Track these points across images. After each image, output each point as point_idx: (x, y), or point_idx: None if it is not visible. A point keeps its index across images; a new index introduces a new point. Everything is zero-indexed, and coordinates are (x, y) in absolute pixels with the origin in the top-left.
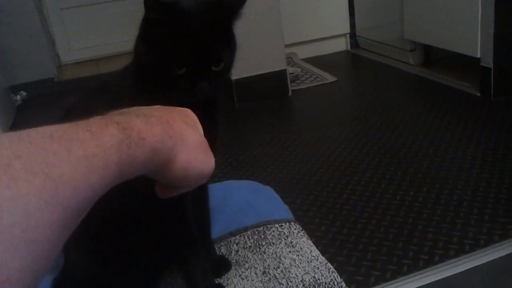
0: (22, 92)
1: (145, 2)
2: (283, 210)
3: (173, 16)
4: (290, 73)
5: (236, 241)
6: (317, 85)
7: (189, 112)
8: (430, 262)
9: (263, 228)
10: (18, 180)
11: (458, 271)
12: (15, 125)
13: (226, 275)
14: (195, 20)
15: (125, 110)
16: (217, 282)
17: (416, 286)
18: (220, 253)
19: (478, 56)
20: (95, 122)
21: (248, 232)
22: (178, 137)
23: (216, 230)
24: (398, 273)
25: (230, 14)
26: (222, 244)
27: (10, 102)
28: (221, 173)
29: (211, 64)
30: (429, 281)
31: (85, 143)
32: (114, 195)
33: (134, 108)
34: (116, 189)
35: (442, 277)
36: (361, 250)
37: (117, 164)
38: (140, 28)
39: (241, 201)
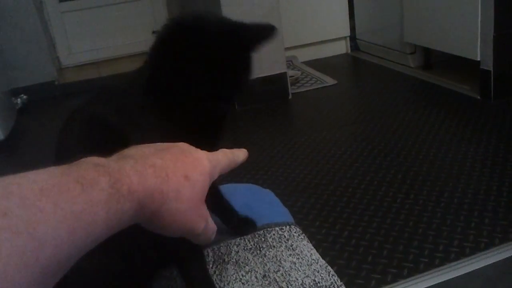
0: (22, 95)
1: (168, 28)
2: (283, 213)
3: (197, 39)
4: (290, 76)
5: (236, 243)
6: (317, 88)
7: (203, 161)
8: (430, 265)
9: (263, 231)
10: (0, 240)
11: (459, 274)
12: (16, 129)
13: (226, 279)
14: (219, 43)
15: (126, 152)
16: (217, 286)
17: None
18: (220, 253)
19: (478, 59)
20: (87, 170)
21: (248, 235)
22: (171, 193)
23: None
24: (398, 276)
25: (255, 42)
26: (222, 245)
27: (10, 105)
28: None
29: (232, 88)
30: (430, 284)
31: (74, 198)
32: None
33: (139, 148)
34: None
35: (443, 280)
36: (362, 253)
37: (104, 220)
38: (159, 46)
39: (241, 204)
